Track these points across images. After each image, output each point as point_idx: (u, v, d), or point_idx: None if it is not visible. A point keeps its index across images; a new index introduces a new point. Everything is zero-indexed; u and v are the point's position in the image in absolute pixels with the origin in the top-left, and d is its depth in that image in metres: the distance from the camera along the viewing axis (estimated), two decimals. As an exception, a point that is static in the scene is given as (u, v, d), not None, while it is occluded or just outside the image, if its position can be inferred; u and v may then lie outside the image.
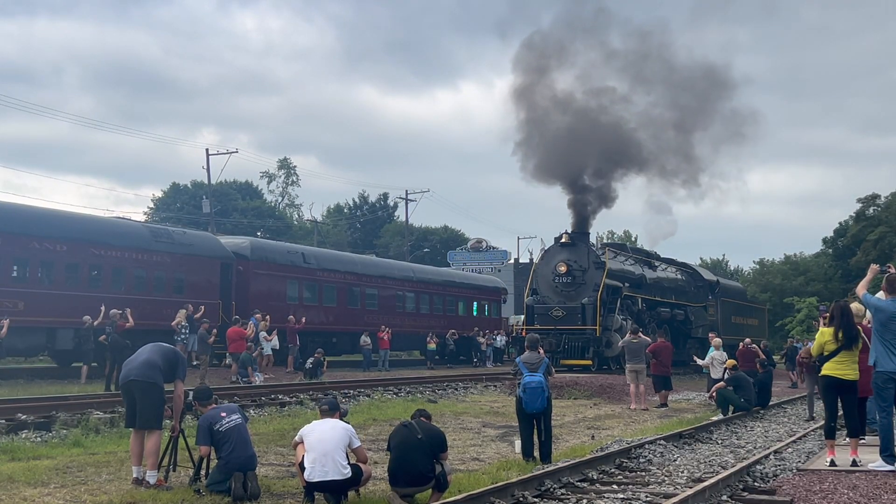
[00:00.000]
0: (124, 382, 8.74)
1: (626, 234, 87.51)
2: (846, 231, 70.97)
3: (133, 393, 8.62)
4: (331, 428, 7.98)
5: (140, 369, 8.64)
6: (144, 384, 8.57)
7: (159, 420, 8.73)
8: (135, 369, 8.66)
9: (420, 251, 70.75)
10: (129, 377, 8.68)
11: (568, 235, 29.97)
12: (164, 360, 8.80)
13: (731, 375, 18.09)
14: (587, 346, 28.39)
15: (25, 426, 12.29)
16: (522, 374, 11.08)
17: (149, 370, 8.64)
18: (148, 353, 8.83)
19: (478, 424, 15.58)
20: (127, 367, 8.82)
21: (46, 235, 23.10)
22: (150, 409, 8.59)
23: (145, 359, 8.73)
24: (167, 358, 8.85)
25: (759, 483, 9.03)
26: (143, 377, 8.58)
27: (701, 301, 37.96)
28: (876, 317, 9.28)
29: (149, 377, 8.60)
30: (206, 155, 49.75)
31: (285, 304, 30.44)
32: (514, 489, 8.03)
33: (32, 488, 8.47)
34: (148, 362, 8.69)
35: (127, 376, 8.72)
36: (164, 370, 8.74)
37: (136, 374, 8.61)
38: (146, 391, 8.58)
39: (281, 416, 15.31)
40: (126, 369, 8.82)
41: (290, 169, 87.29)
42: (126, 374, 8.75)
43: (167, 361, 8.81)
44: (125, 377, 8.74)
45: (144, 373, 8.60)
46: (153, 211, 71.71)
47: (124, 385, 8.74)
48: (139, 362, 8.71)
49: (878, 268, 9.86)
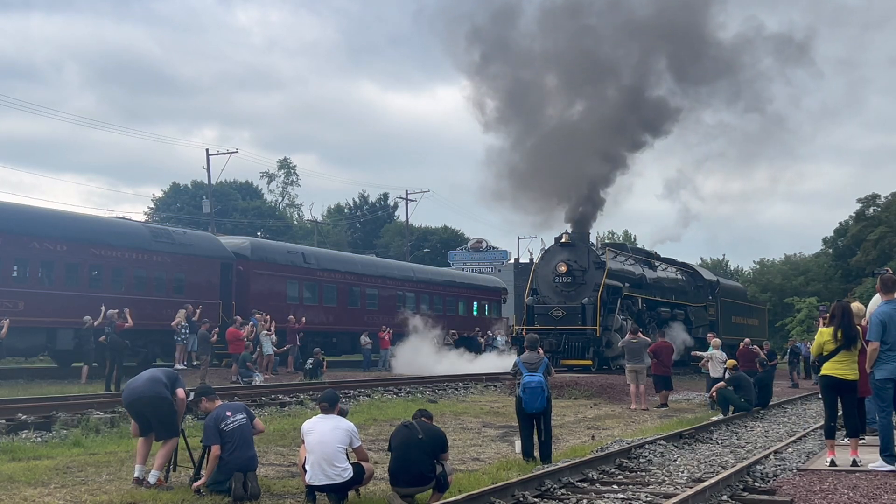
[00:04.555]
0: (132, 401, 8.70)
1: (627, 234, 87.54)
2: (846, 231, 70.95)
3: (143, 410, 8.66)
4: (331, 429, 7.97)
5: (146, 386, 8.64)
6: (154, 399, 8.60)
7: (176, 429, 8.79)
8: (140, 388, 8.65)
9: (420, 251, 70.75)
10: (135, 396, 8.66)
11: (568, 235, 29.96)
12: (166, 376, 8.86)
13: (732, 375, 18.08)
14: (587, 346, 28.37)
15: (25, 426, 12.28)
16: (522, 375, 11.08)
17: (154, 385, 8.66)
18: (149, 373, 8.90)
19: (478, 424, 15.58)
20: (130, 388, 8.78)
21: (46, 235, 23.09)
22: (165, 422, 8.66)
23: (148, 377, 8.76)
24: (168, 375, 8.91)
25: (759, 483, 9.02)
26: (152, 392, 8.60)
27: (701, 301, 37.95)
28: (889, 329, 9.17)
29: (157, 392, 8.63)
30: (207, 155, 49.87)
31: (285, 304, 30.45)
32: (514, 489, 8.03)
33: (32, 488, 8.47)
34: (152, 379, 8.73)
35: (132, 395, 8.68)
36: (168, 385, 8.76)
37: (144, 391, 8.61)
38: (158, 405, 8.62)
39: (281, 416, 15.31)
40: (129, 390, 8.78)
41: (290, 169, 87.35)
42: (131, 394, 8.71)
43: (168, 378, 8.85)
44: (130, 397, 8.71)
45: (151, 388, 8.62)
46: (153, 211, 71.72)
47: (132, 404, 8.72)
48: (143, 380, 8.71)
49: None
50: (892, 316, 9.15)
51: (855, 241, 66.94)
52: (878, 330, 9.15)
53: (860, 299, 17.50)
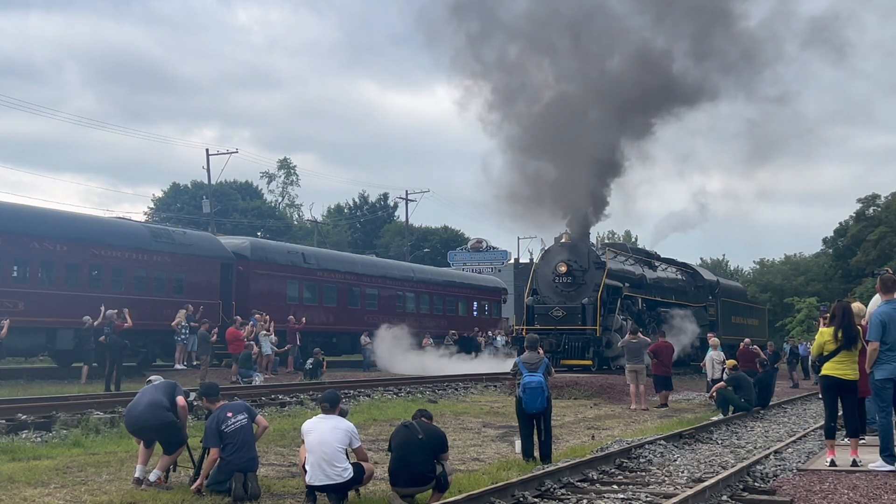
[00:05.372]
0: (137, 429, 8.69)
1: (628, 234, 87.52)
2: (846, 231, 70.92)
3: (149, 435, 8.67)
4: (331, 429, 7.97)
5: (149, 412, 8.58)
6: (160, 425, 8.60)
7: (183, 440, 8.80)
8: (143, 415, 8.60)
9: (420, 251, 70.74)
10: (139, 424, 8.63)
11: (568, 235, 29.96)
12: (166, 395, 8.80)
13: (731, 375, 18.09)
14: (587, 346, 28.38)
15: (25, 426, 12.28)
16: (522, 375, 11.08)
17: (157, 411, 8.61)
18: (150, 394, 8.76)
19: (478, 424, 15.58)
20: (132, 415, 8.70)
21: (46, 235, 23.09)
22: (173, 441, 8.68)
23: (148, 402, 8.66)
24: (166, 391, 8.85)
25: (759, 483, 9.02)
26: (157, 420, 8.58)
27: (701, 301, 37.95)
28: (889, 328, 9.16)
29: (161, 418, 8.60)
30: (207, 155, 49.88)
31: (285, 305, 30.45)
32: (514, 489, 8.03)
33: (32, 488, 8.47)
34: (153, 404, 8.64)
35: (137, 423, 8.65)
36: (169, 405, 8.71)
37: (148, 419, 8.57)
38: (163, 430, 8.63)
39: (281, 416, 15.31)
40: (131, 417, 8.71)
41: (290, 169, 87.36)
42: (135, 421, 8.66)
43: (168, 394, 8.81)
44: (135, 424, 8.68)
45: (155, 415, 8.58)
46: (153, 211, 71.73)
47: (137, 431, 8.71)
48: (144, 406, 8.63)
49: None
50: (892, 316, 9.15)
51: (855, 241, 66.91)
52: (878, 330, 9.15)
53: (860, 299, 17.48)
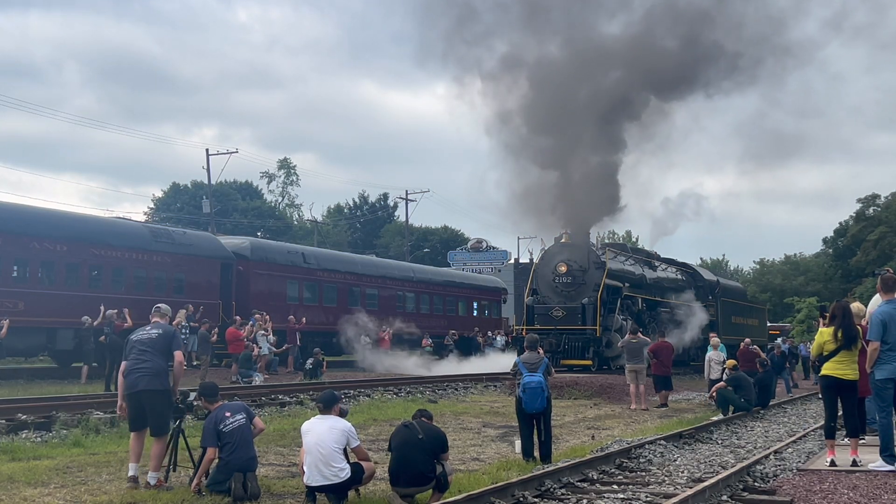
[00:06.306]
0: (132, 392, 8.66)
1: (628, 234, 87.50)
2: (846, 231, 70.96)
3: (142, 401, 8.62)
4: (328, 429, 7.95)
5: (147, 378, 8.58)
6: (153, 392, 8.58)
7: (167, 426, 8.76)
8: (143, 378, 8.58)
9: (420, 251, 70.73)
10: (137, 387, 8.61)
11: (568, 235, 29.95)
12: (165, 351, 8.74)
13: (731, 375, 18.09)
14: (587, 346, 28.37)
15: (25, 426, 12.29)
16: (522, 375, 11.07)
17: (156, 378, 8.61)
18: (150, 356, 8.68)
19: (478, 424, 15.58)
20: (133, 376, 8.65)
21: (46, 235, 23.11)
22: (159, 417, 8.63)
23: (150, 366, 8.63)
24: (167, 342, 8.77)
25: (759, 483, 9.02)
26: (153, 386, 8.57)
27: (701, 301, 37.92)
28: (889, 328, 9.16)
29: (157, 385, 8.60)
30: (207, 155, 49.91)
31: (285, 305, 30.45)
32: (514, 489, 8.03)
33: (32, 488, 8.48)
34: (153, 370, 8.62)
35: (135, 385, 8.63)
36: (166, 367, 8.72)
37: (146, 385, 8.57)
38: (155, 399, 8.59)
39: (281, 416, 15.31)
40: (132, 378, 8.65)
41: (290, 169, 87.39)
42: (133, 384, 8.63)
43: (166, 347, 8.75)
44: (133, 387, 8.64)
45: (152, 381, 8.58)
46: (153, 211, 71.74)
47: (132, 395, 8.67)
48: (144, 370, 8.62)
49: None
50: (893, 316, 9.15)
51: (855, 241, 66.95)
52: (878, 330, 9.15)
53: (860, 299, 17.52)
